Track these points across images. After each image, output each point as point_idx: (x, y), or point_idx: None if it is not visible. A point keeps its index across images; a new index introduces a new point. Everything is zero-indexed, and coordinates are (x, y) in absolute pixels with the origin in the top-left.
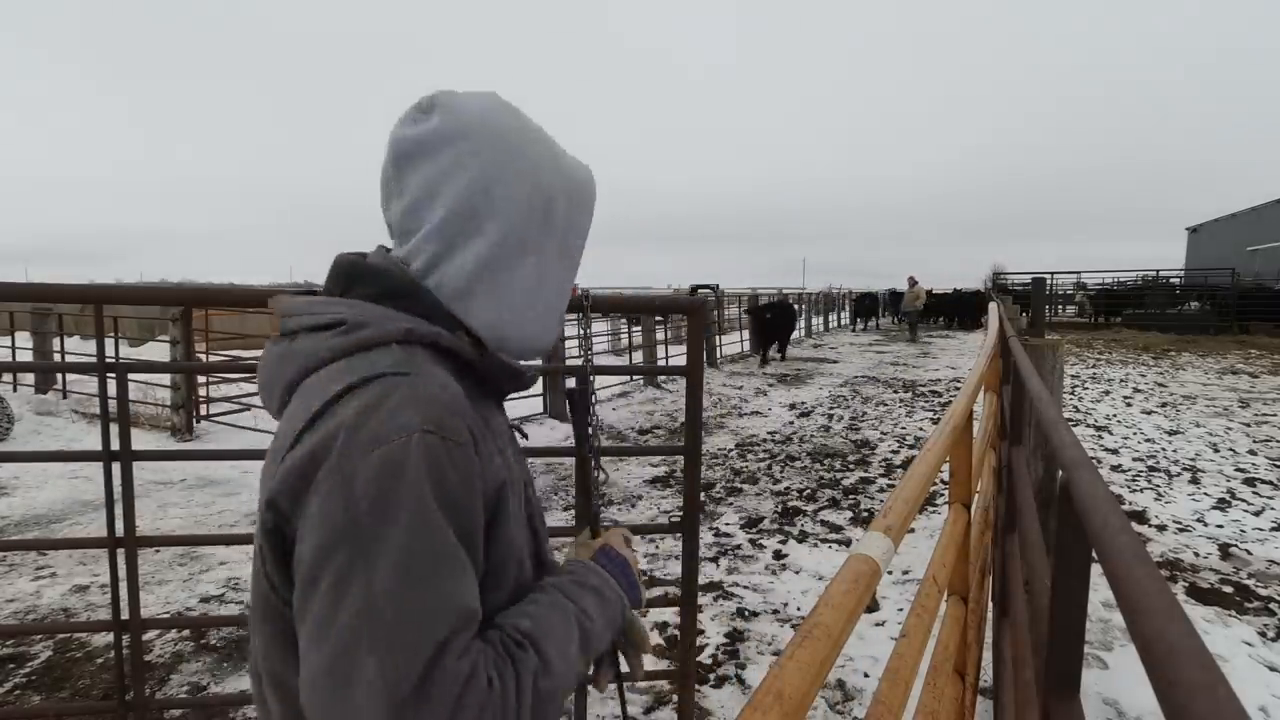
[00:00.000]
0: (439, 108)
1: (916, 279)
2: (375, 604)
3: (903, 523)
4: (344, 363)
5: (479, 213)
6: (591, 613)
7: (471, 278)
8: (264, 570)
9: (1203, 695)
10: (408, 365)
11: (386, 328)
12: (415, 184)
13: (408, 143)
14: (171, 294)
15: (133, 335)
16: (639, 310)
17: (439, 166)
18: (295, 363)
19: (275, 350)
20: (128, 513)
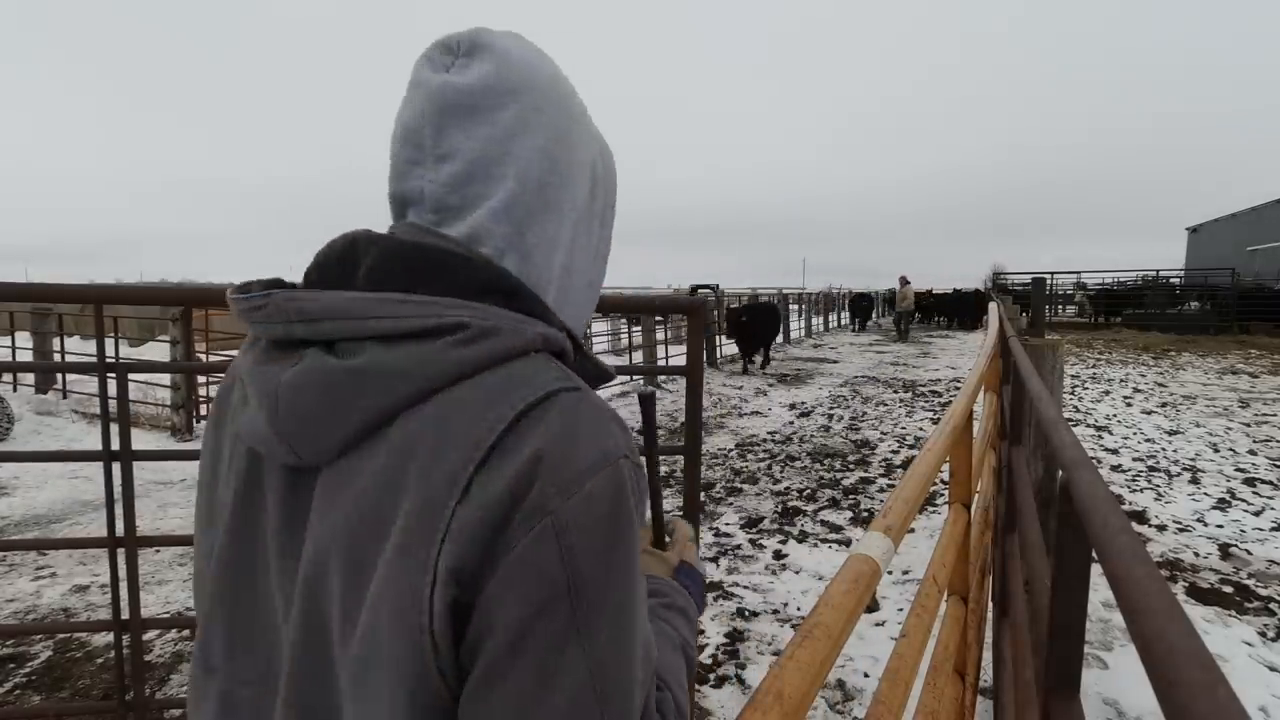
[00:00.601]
0: (483, 49)
1: (908, 279)
2: (600, 670)
3: (903, 523)
4: (488, 378)
5: (549, 185)
6: (689, 639)
7: (549, 263)
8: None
9: (1203, 695)
10: (569, 376)
11: (525, 334)
12: (468, 147)
13: (457, 93)
14: (171, 294)
15: (133, 335)
16: (639, 310)
17: (501, 126)
18: (395, 382)
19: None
20: (128, 513)
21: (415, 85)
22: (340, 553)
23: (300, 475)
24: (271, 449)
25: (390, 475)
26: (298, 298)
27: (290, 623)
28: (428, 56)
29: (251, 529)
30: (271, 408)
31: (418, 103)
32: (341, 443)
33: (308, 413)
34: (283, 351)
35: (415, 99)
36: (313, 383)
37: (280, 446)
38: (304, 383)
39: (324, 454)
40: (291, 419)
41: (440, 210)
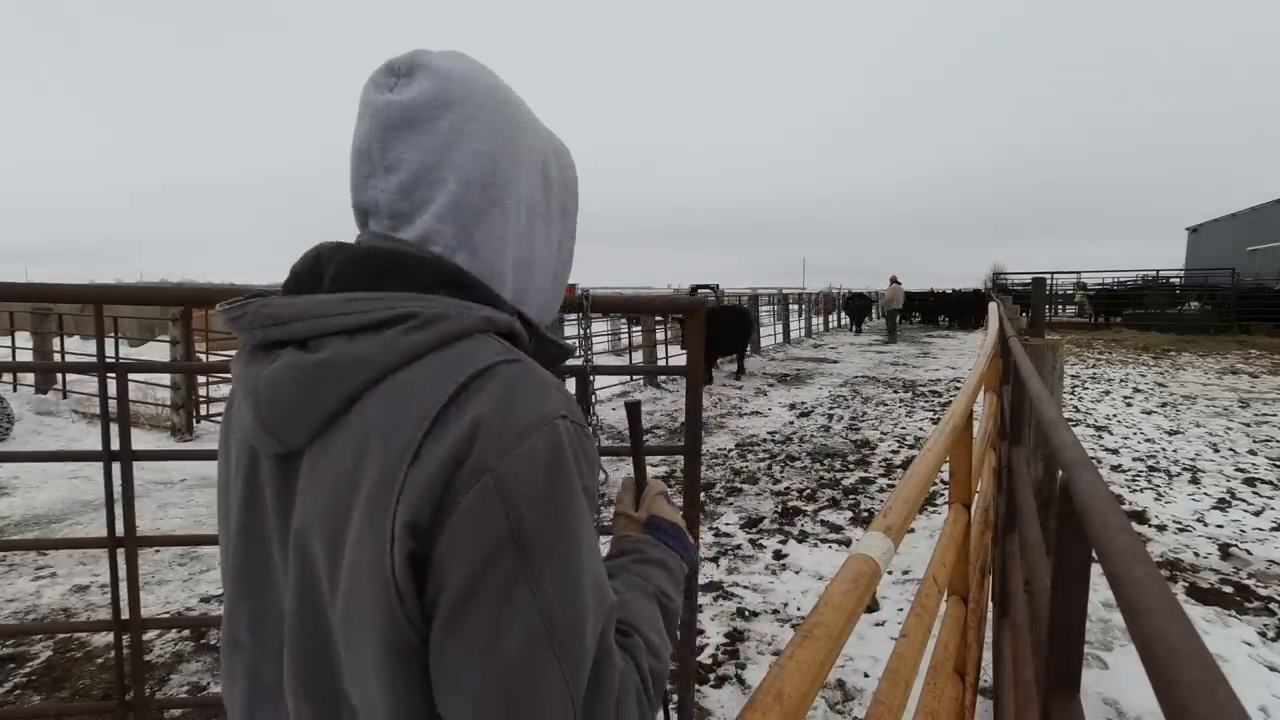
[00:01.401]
0: (421, 69)
1: (898, 278)
2: (549, 611)
3: (903, 523)
4: (435, 359)
5: (491, 184)
6: (668, 590)
7: (499, 256)
8: (401, 612)
9: (1203, 695)
10: (510, 351)
11: (469, 317)
12: (411, 157)
13: (396, 109)
14: (171, 294)
15: (133, 335)
16: (639, 310)
17: (438, 136)
18: (354, 369)
19: (294, 364)
20: (128, 513)
21: (363, 105)
22: (321, 523)
23: (288, 463)
24: (260, 441)
25: (356, 450)
26: (270, 304)
27: (288, 593)
28: (373, 79)
29: (257, 521)
30: (255, 403)
31: (366, 121)
32: (316, 427)
33: (285, 403)
34: (264, 353)
35: (364, 118)
36: (288, 377)
37: (266, 437)
38: (280, 378)
39: (303, 439)
40: (272, 410)
41: (394, 216)
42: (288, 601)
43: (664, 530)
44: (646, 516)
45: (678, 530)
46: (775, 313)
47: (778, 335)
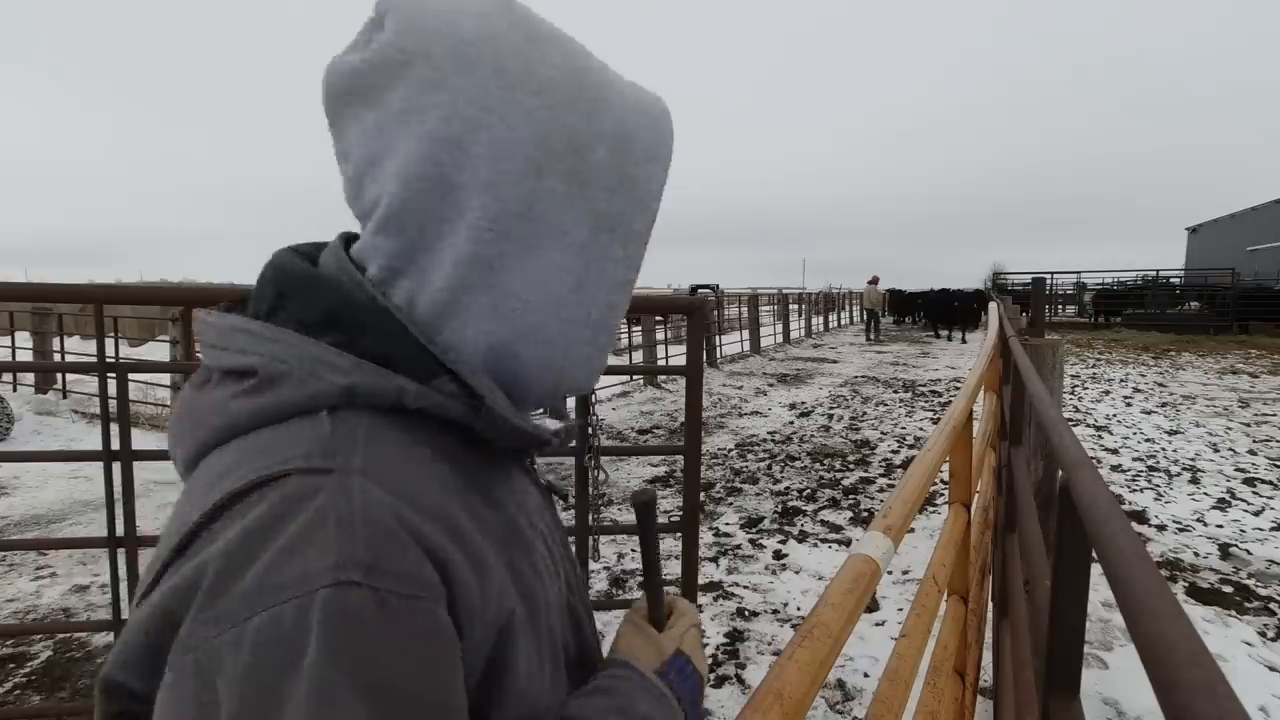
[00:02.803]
0: (390, 15)
1: (878, 278)
2: None
3: (903, 523)
4: (252, 441)
5: (450, 183)
6: None
7: (459, 288)
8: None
9: (1203, 695)
10: (333, 453)
11: (317, 383)
12: (358, 141)
13: (342, 76)
14: (171, 294)
15: (133, 335)
16: (639, 310)
17: (386, 110)
18: (197, 426)
19: (184, 398)
20: (128, 513)
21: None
22: None
23: None
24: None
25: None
26: (204, 321)
27: None
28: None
29: None
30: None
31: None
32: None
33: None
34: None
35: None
36: (178, 409)
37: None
38: (177, 407)
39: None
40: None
41: (359, 219)
42: None
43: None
44: (673, 650)
45: (699, 685)
46: (775, 313)
47: (778, 335)
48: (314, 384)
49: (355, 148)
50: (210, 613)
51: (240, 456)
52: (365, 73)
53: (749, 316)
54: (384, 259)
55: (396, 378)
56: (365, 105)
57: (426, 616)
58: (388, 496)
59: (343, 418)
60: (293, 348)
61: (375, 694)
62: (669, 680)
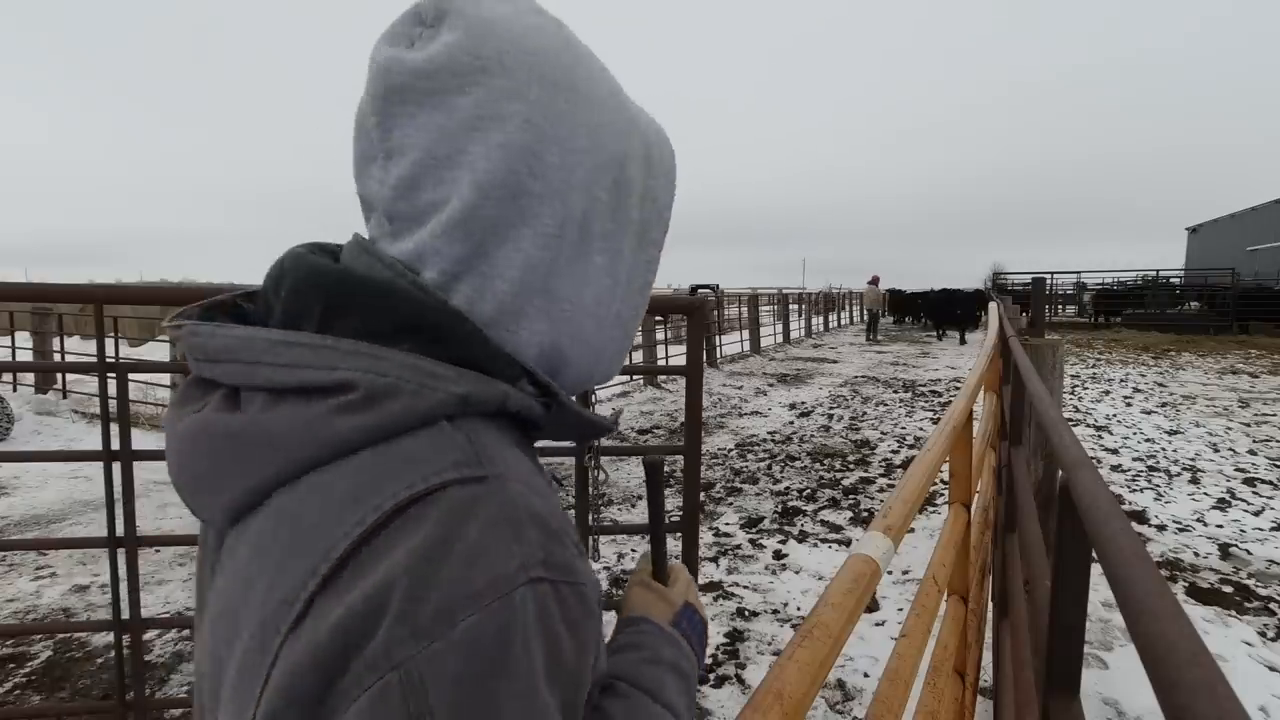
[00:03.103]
0: (452, 16)
1: (879, 278)
2: None
3: (903, 523)
4: (369, 458)
5: (524, 191)
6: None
7: (522, 292)
8: None
9: (1203, 695)
10: (478, 461)
11: (433, 394)
12: (416, 141)
13: (404, 72)
14: (171, 294)
15: (133, 335)
16: None
17: (456, 114)
18: (264, 451)
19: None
20: (128, 513)
21: (369, 63)
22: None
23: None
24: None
25: (249, 572)
26: (199, 333)
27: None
28: (390, 29)
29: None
30: (171, 457)
31: (369, 86)
32: (227, 512)
33: (197, 471)
34: (198, 390)
35: (368, 81)
36: (199, 439)
37: (183, 494)
38: (193, 437)
39: (215, 519)
40: (185, 473)
41: (395, 219)
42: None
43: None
44: (682, 604)
45: (705, 630)
46: (775, 313)
47: (778, 335)
48: (430, 395)
49: (414, 148)
50: (408, 628)
51: (370, 475)
52: (433, 73)
53: (749, 316)
54: (446, 263)
55: (497, 383)
56: (430, 106)
57: (587, 602)
58: (535, 496)
59: (462, 425)
60: (390, 360)
61: (560, 677)
62: (682, 629)
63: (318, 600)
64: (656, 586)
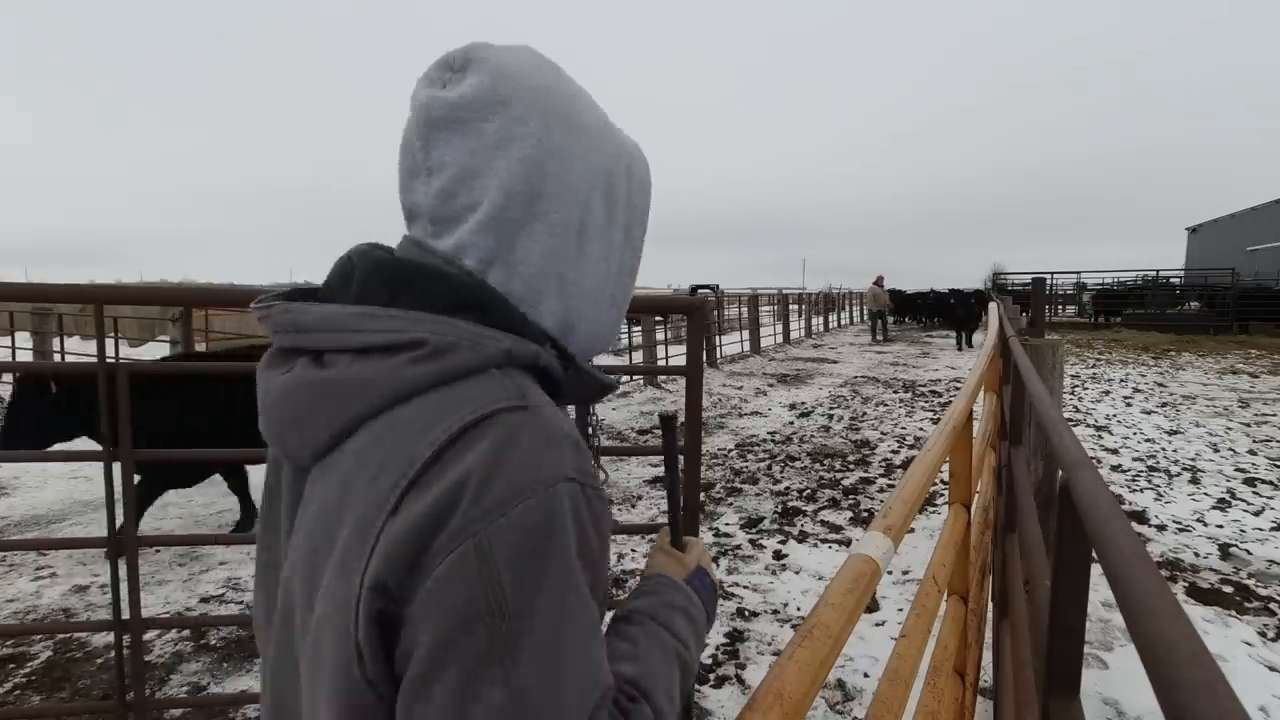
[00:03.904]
0: (475, 64)
1: (883, 278)
2: (522, 691)
3: (903, 523)
4: (437, 395)
5: (538, 194)
6: (688, 640)
7: (540, 275)
8: (361, 673)
9: (1203, 695)
10: (522, 396)
11: (484, 350)
12: (453, 159)
13: (441, 107)
14: (171, 294)
15: (133, 335)
16: (639, 310)
17: (483, 138)
18: (354, 395)
19: (300, 379)
20: (128, 513)
21: (411, 101)
22: (305, 557)
23: (301, 473)
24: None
25: (343, 487)
26: (293, 310)
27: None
28: (426, 74)
29: (274, 516)
30: (266, 411)
31: (412, 118)
32: (317, 449)
33: (291, 418)
34: (283, 359)
35: (411, 114)
36: (295, 391)
37: (275, 444)
38: (290, 390)
39: (305, 458)
40: (280, 423)
41: (436, 222)
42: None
43: (705, 586)
44: (695, 565)
45: (714, 591)
46: (775, 313)
47: (778, 335)
48: (482, 350)
49: (451, 165)
50: (479, 509)
51: (440, 407)
52: (463, 107)
53: (749, 316)
54: (481, 254)
55: (531, 343)
56: (462, 132)
57: (604, 502)
58: (565, 422)
59: (508, 373)
60: (452, 325)
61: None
62: (694, 585)
63: (408, 495)
64: (673, 552)
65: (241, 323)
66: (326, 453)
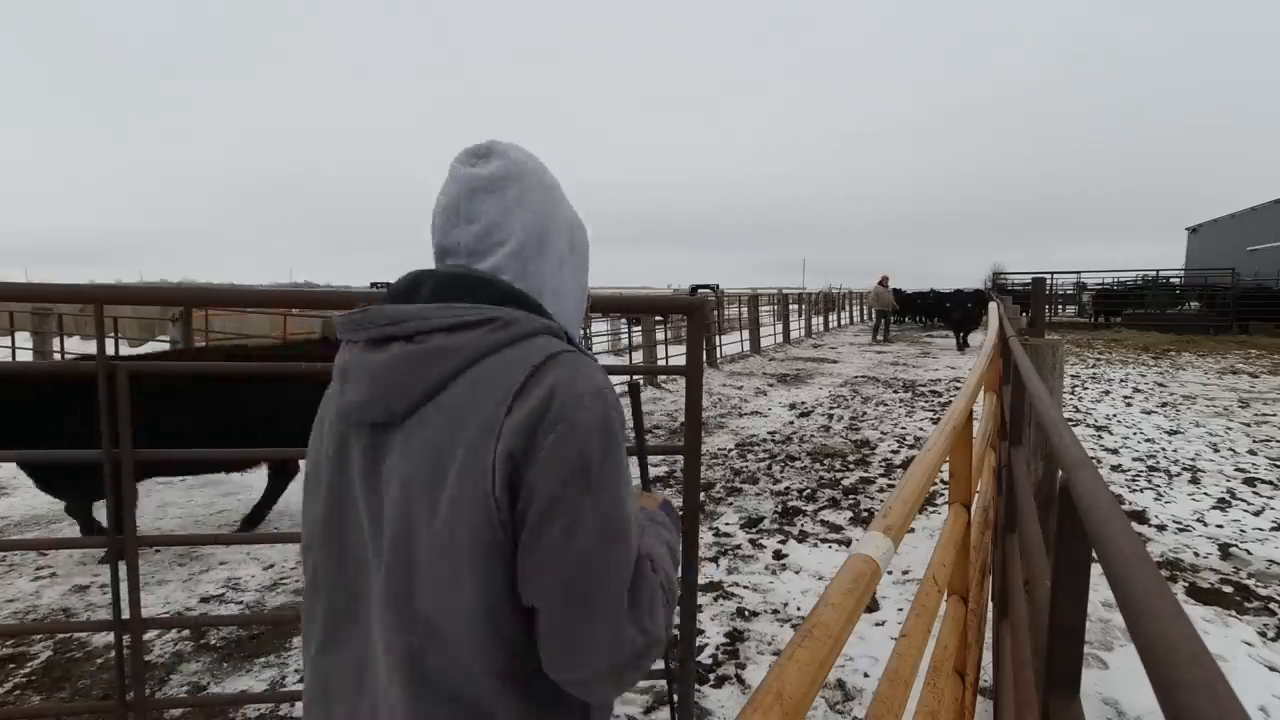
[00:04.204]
0: (496, 154)
1: (888, 278)
2: (608, 517)
3: (903, 523)
4: (512, 350)
5: (543, 237)
6: (672, 543)
7: (546, 286)
8: (498, 518)
9: (1203, 695)
10: (568, 345)
11: (534, 323)
12: (487, 212)
13: (480, 180)
14: (171, 294)
15: (133, 335)
16: (639, 310)
17: (505, 200)
18: (451, 356)
19: (401, 352)
20: (128, 513)
21: (451, 175)
22: (422, 471)
23: (382, 433)
24: (367, 411)
25: (457, 413)
26: (387, 310)
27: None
28: (459, 158)
29: (344, 480)
30: (373, 381)
31: (453, 186)
32: (416, 400)
33: (398, 381)
34: (376, 346)
35: (451, 184)
36: (400, 361)
37: (377, 406)
38: (394, 363)
39: (404, 409)
40: (385, 386)
41: (471, 254)
42: (387, 535)
43: (671, 511)
44: (661, 500)
45: (678, 516)
46: (775, 313)
47: (778, 335)
48: (533, 324)
49: (484, 215)
50: (568, 403)
51: (520, 354)
52: (491, 179)
53: (749, 316)
54: (511, 274)
55: (556, 323)
56: (492, 195)
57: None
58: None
59: (549, 337)
60: (510, 311)
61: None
62: (665, 510)
63: (516, 402)
64: (646, 494)
65: (241, 322)
66: (417, 409)
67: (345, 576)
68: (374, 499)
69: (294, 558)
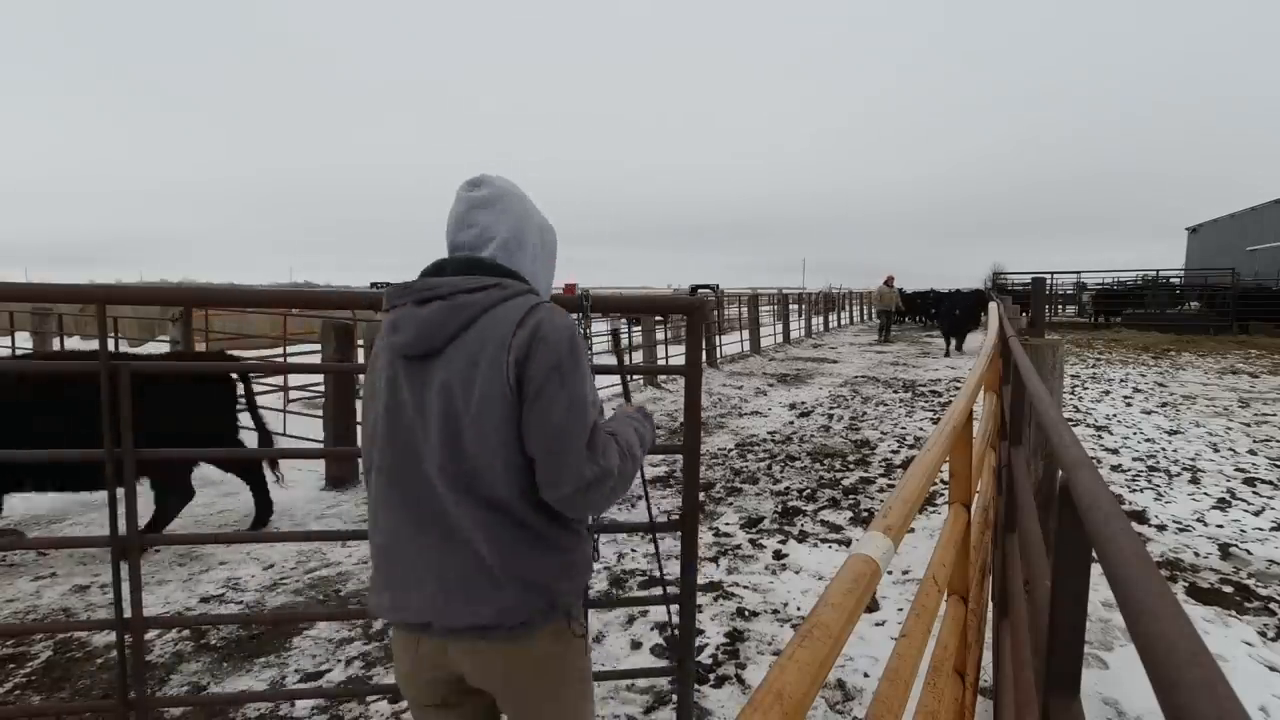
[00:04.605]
0: (485, 182)
1: (893, 278)
2: (574, 396)
3: (903, 523)
4: (514, 301)
5: (520, 236)
6: (643, 429)
7: (524, 267)
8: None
9: (1203, 695)
10: (547, 300)
11: (522, 288)
12: (482, 221)
13: (475, 200)
14: (171, 294)
15: (133, 335)
16: (639, 310)
17: (494, 213)
18: (472, 308)
19: (440, 306)
20: (128, 513)
21: (456, 197)
22: (460, 376)
23: (423, 362)
24: (415, 347)
25: (481, 337)
26: (428, 280)
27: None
28: (462, 186)
29: (398, 401)
30: (420, 325)
31: (458, 205)
32: (450, 335)
33: (439, 323)
34: (421, 304)
35: (457, 203)
36: (439, 314)
37: (422, 343)
38: (434, 315)
39: (442, 343)
40: (430, 328)
41: (473, 248)
42: (433, 426)
43: (647, 415)
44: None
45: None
46: (775, 313)
47: (778, 335)
48: (521, 288)
49: (480, 223)
50: (550, 331)
51: (517, 305)
52: (485, 199)
53: (749, 316)
54: (502, 259)
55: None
56: (486, 209)
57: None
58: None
59: (531, 295)
60: (507, 279)
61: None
62: (639, 411)
63: (517, 330)
64: (625, 405)
65: (241, 322)
66: (451, 341)
67: (398, 450)
68: (420, 399)
69: (294, 558)
